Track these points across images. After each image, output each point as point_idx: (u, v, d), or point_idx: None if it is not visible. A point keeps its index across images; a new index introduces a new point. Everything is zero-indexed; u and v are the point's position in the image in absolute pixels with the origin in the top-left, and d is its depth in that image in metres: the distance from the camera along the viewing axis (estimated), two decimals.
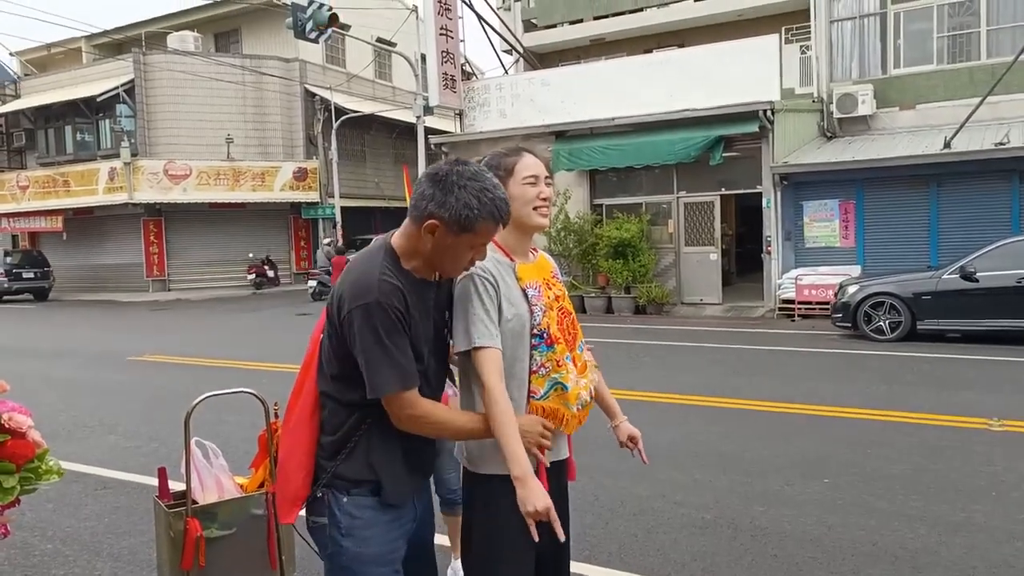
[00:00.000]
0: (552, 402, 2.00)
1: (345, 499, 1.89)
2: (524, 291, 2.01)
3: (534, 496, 1.77)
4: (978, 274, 9.88)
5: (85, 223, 25.95)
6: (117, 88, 24.12)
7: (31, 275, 24.16)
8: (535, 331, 1.99)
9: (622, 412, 2.34)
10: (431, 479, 2.54)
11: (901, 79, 15.43)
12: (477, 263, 1.95)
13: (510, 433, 1.82)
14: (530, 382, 1.99)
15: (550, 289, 2.09)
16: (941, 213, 13.34)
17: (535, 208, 2.05)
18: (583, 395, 2.06)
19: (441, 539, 3.21)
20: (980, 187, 13.00)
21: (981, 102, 12.85)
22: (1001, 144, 12.30)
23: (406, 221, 1.89)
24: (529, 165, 2.05)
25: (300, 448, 1.94)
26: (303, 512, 2.00)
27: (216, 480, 2.69)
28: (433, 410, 1.88)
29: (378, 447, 1.90)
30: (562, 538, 1.78)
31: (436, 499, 3.11)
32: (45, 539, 4.18)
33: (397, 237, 1.92)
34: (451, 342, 2.03)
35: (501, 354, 1.92)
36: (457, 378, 2.13)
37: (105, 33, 28.40)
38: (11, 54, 30.88)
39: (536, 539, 1.75)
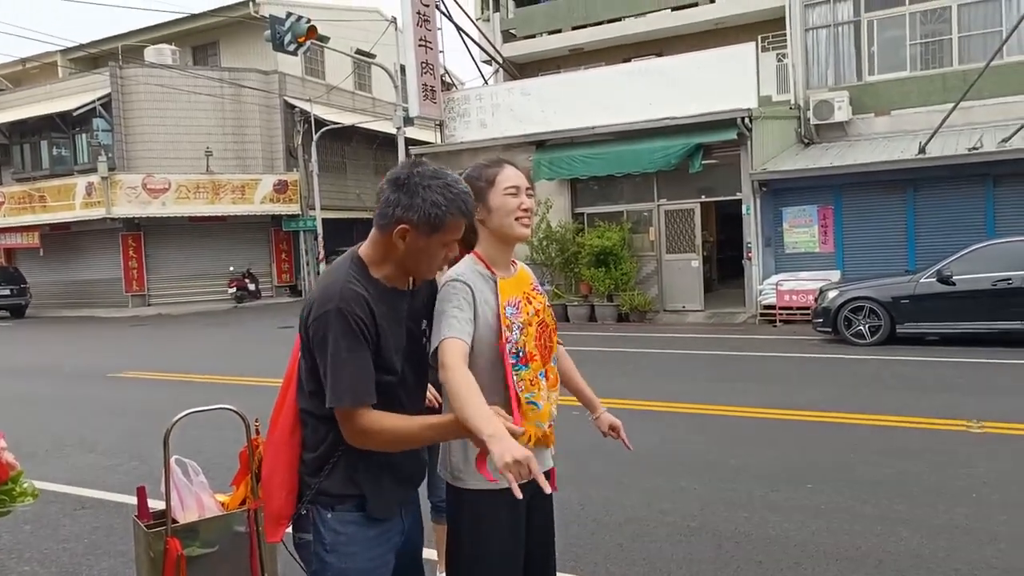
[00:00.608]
0: (527, 422, 1.99)
1: (329, 515, 1.87)
2: (504, 308, 2.00)
3: (512, 447, 1.58)
4: (955, 277, 10.01)
5: (62, 239, 25.65)
6: (94, 102, 23.91)
7: (7, 292, 23.81)
8: (514, 349, 1.98)
9: (599, 403, 2.41)
10: (422, 488, 2.53)
11: (876, 86, 15.65)
12: (456, 272, 1.97)
13: (475, 398, 1.70)
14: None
15: (530, 303, 2.08)
16: (918, 217, 13.51)
17: (517, 219, 2.05)
18: (553, 411, 2.08)
19: (427, 552, 3.19)
20: (955, 191, 13.19)
21: (954, 108, 13.04)
22: (974, 149, 12.49)
23: (372, 231, 1.88)
24: (510, 176, 2.06)
25: (282, 465, 1.92)
26: (290, 529, 1.97)
27: (196, 498, 2.65)
28: (381, 420, 1.78)
29: (361, 462, 1.87)
30: (548, 490, 1.66)
31: (427, 505, 3.09)
32: (22, 561, 4.10)
33: (365, 247, 1.91)
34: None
35: (467, 346, 1.87)
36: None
37: (81, 47, 28.18)
38: None
39: (519, 496, 1.60)
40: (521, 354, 1.99)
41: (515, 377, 1.97)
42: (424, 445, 1.92)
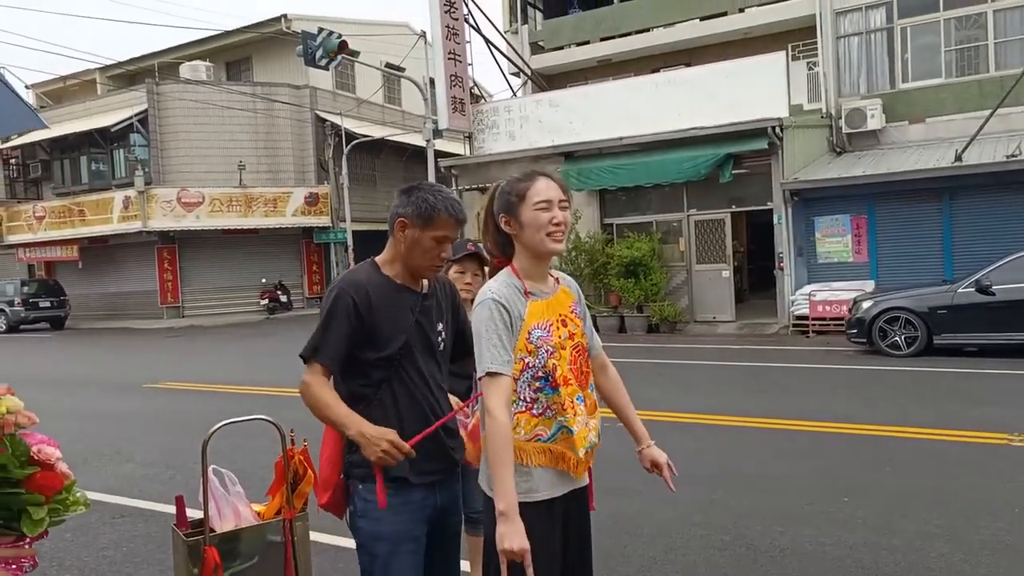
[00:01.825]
0: (559, 445, 2.00)
1: (360, 487, 2.19)
2: (529, 332, 1.98)
3: (514, 535, 1.81)
4: (994, 287, 9.79)
5: (100, 252, 26.21)
6: (131, 118, 24.45)
7: (47, 304, 24.40)
8: (540, 373, 1.98)
9: (647, 437, 2.26)
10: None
11: (910, 93, 15.43)
12: (491, 289, 1.98)
13: (503, 466, 1.85)
14: (536, 423, 1.99)
15: (564, 327, 2.05)
16: (954, 226, 13.27)
17: (548, 234, 2.00)
18: (591, 437, 2.05)
19: (462, 564, 3.19)
20: (993, 199, 12.93)
21: (991, 114, 12.82)
22: (1013, 156, 12.25)
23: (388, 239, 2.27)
24: (540, 190, 2.01)
25: (332, 444, 2.28)
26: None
27: (233, 508, 2.68)
28: (319, 387, 2.13)
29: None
30: None
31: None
32: (63, 569, 4.18)
33: (383, 252, 2.29)
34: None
35: (511, 381, 1.92)
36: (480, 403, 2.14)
37: (119, 64, 28.85)
38: (27, 87, 31.38)
39: None
40: (550, 378, 1.98)
41: (544, 399, 1.98)
42: (335, 427, 2.16)
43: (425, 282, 2.28)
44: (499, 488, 1.84)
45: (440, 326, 2.29)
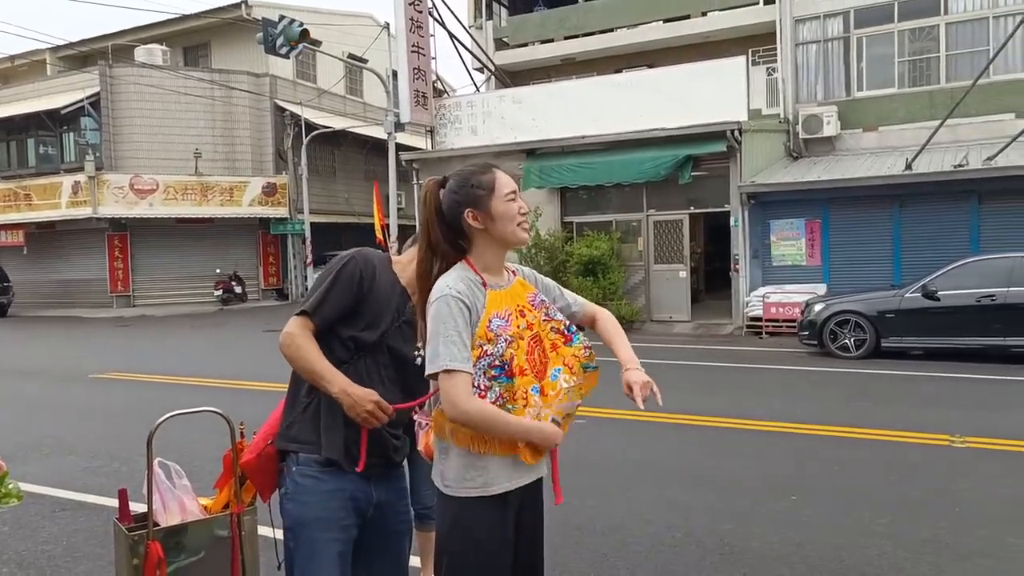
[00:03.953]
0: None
1: (295, 468, 2.21)
2: (490, 320, 1.96)
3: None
4: (939, 293, 10.10)
5: (47, 237, 25.42)
6: (82, 101, 23.73)
7: None
8: (497, 362, 1.95)
9: (631, 361, 2.28)
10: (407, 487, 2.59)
11: (864, 101, 15.80)
12: (448, 285, 1.95)
13: (509, 420, 1.90)
14: None
15: (522, 317, 2.04)
16: (903, 232, 13.62)
17: (518, 224, 2.03)
18: None
19: (412, 560, 3.17)
20: (941, 207, 13.31)
21: (940, 125, 13.18)
22: (960, 166, 12.61)
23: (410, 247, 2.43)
24: (506, 182, 2.03)
25: (276, 412, 2.33)
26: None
27: (179, 501, 2.62)
28: (305, 339, 2.15)
29: (329, 415, 2.18)
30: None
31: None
32: (0, 563, 4.05)
33: (403, 255, 2.39)
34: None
35: (470, 378, 1.89)
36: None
37: (71, 45, 28.01)
38: None
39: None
40: (507, 367, 1.96)
41: (498, 387, 1.96)
42: (309, 380, 2.18)
43: None
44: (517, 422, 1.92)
45: (420, 344, 2.27)
